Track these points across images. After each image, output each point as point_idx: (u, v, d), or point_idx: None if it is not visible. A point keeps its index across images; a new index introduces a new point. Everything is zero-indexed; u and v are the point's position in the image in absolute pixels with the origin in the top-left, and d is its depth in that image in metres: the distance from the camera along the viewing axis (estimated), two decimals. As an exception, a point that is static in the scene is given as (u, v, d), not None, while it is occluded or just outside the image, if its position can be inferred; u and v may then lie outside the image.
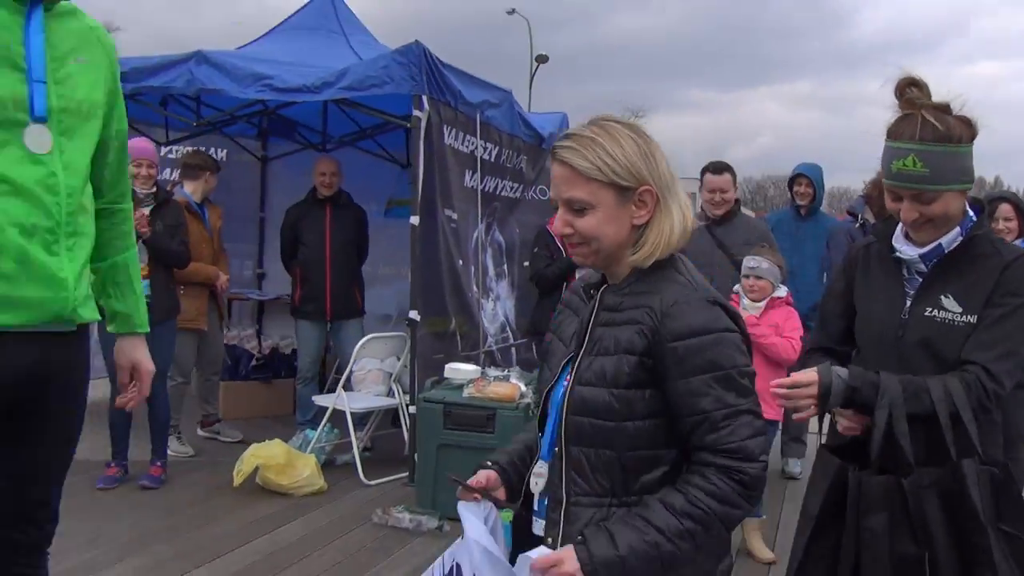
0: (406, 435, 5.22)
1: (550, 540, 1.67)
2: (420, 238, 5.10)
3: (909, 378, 2.05)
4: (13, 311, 1.89)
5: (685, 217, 1.69)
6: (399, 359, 5.43)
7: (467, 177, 5.72)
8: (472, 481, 1.77)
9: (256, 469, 4.70)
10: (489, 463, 1.84)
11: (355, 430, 5.20)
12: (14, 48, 1.88)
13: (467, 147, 5.65)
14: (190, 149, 6.75)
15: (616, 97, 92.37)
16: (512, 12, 33.31)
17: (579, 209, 1.65)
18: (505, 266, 6.35)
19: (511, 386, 4.46)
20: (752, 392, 1.61)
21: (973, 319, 2.08)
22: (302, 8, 6.72)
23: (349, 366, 5.29)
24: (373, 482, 5.01)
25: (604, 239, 1.66)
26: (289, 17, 6.70)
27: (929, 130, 2.03)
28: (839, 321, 2.39)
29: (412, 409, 4.96)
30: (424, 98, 5.00)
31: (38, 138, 1.90)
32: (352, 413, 5.15)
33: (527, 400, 4.42)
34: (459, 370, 4.70)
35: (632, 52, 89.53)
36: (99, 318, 2.13)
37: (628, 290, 1.69)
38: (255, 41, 6.55)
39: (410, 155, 7.18)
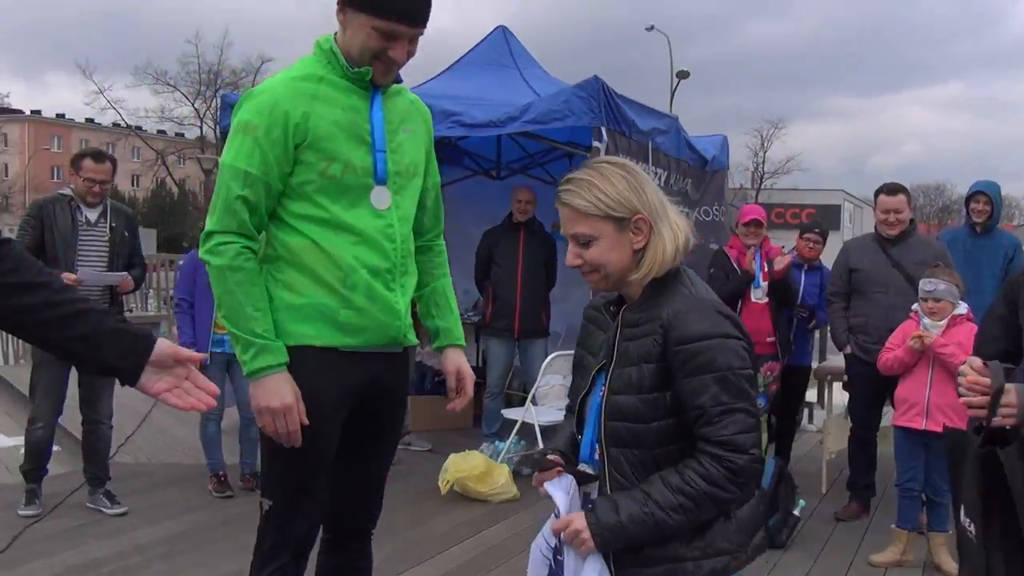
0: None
1: None
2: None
3: None
4: (363, 335, 2.35)
5: (676, 236, 1.93)
6: (580, 375, 5.76)
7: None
8: (551, 458, 2.03)
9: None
10: (551, 449, 2.10)
11: (542, 443, 5.56)
12: (362, 126, 2.33)
13: (640, 173, 5.95)
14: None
15: (752, 107, 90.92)
16: (651, 28, 33.49)
17: (584, 242, 1.93)
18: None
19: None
20: (747, 393, 1.85)
21: None
22: (477, 45, 7.20)
23: (536, 382, 5.67)
24: (560, 489, 5.35)
25: (610, 265, 1.93)
26: (466, 54, 7.18)
27: None
28: (998, 343, 2.49)
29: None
30: (603, 129, 5.34)
31: (380, 197, 2.34)
32: (539, 425, 5.52)
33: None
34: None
35: (766, 61, 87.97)
36: (417, 341, 2.56)
37: (643, 306, 1.94)
38: (436, 77, 7.06)
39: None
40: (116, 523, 4.78)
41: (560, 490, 1.95)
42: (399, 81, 2.45)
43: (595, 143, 5.36)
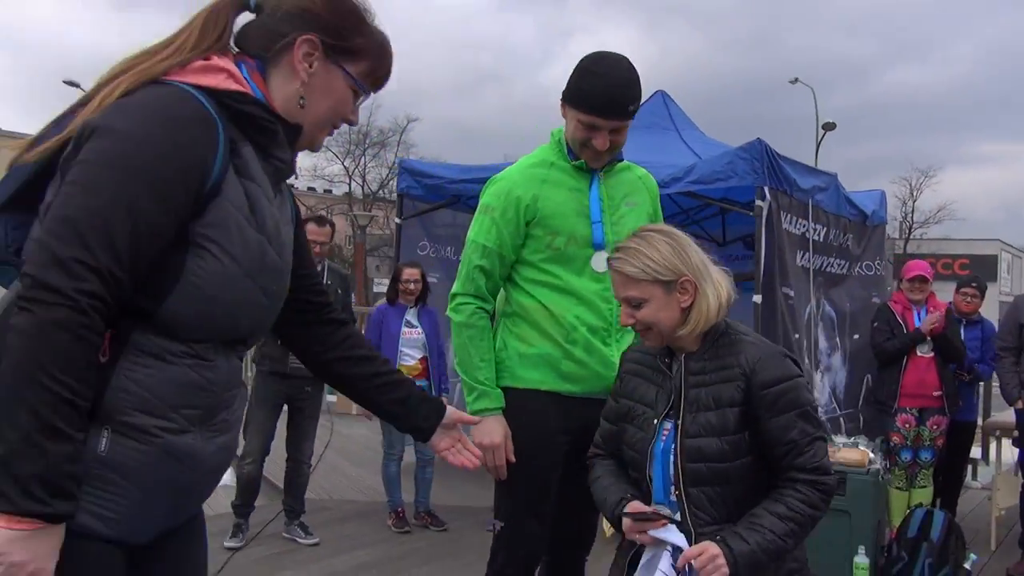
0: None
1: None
2: (762, 315, 5.59)
3: None
4: (581, 383, 2.68)
5: (719, 293, 2.19)
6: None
7: (799, 257, 6.16)
8: (651, 510, 2.20)
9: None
10: (629, 495, 2.26)
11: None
12: (583, 202, 2.70)
13: (799, 229, 6.10)
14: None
15: (897, 156, 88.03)
16: (795, 81, 33.26)
17: (636, 304, 2.17)
18: (837, 339, 6.68)
19: (861, 452, 4.80)
20: (822, 423, 2.10)
21: None
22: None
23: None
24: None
25: (660, 323, 2.17)
26: (627, 117, 7.51)
27: None
28: None
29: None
30: (766, 189, 5.54)
31: (599, 262, 2.66)
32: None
33: (876, 465, 4.74)
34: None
35: (910, 108, 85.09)
36: None
37: (708, 355, 2.18)
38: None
39: (726, 234, 7.79)
40: (309, 552, 5.21)
41: (670, 532, 2.15)
42: (620, 159, 2.79)
43: (758, 202, 5.55)
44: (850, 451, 4.84)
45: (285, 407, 5.32)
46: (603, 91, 2.59)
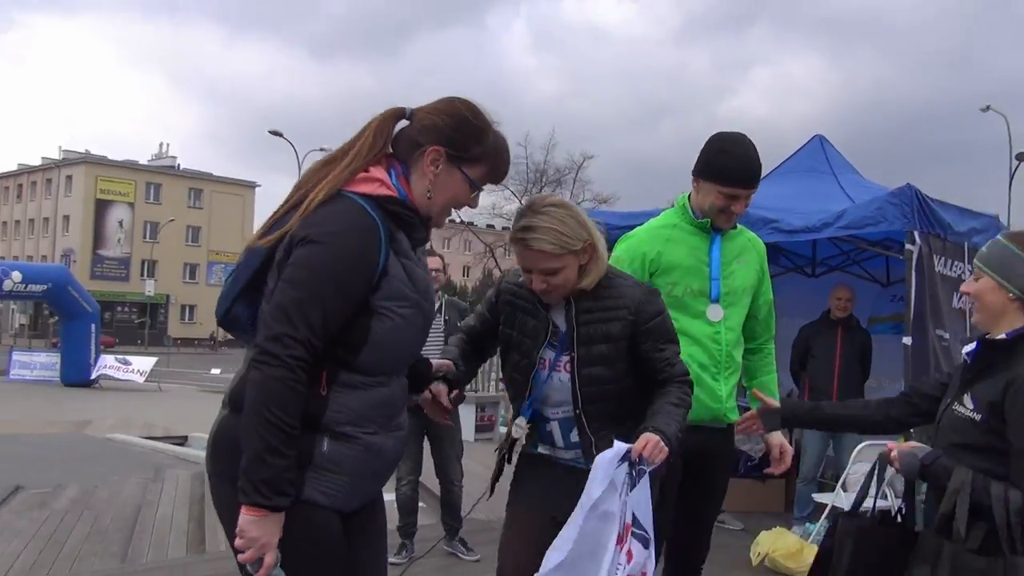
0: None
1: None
2: (912, 356, 5.69)
3: (972, 472, 2.38)
4: (693, 413, 2.95)
5: (604, 247, 2.66)
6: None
7: (955, 299, 6.19)
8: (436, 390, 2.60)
9: (766, 555, 5.57)
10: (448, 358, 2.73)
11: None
12: (702, 259, 3.16)
13: (954, 272, 6.15)
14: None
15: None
16: (987, 109, 31.81)
17: (551, 272, 2.58)
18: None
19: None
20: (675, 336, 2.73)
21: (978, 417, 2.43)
22: (796, 152, 7.73)
23: (847, 469, 5.98)
24: (870, 575, 5.60)
25: (568, 283, 2.62)
26: (784, 161, 7.73)
27: None
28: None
29: (904, 509, 5.48)
30: (916, 233, 5.66)
31: (714, 312, 3.12)
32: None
33: None
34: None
35: None
36: (736, 418, 3.20)
37: (593, 297, 2.66)
38: (757, 184, 7.66)
39: (890, 275, 7.81)
40: (472, 567, 5.71)
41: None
42: (735, 227, 3.25)
43: (908, 246, 5.68)
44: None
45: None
46: (742, 167, 3.13)
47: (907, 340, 5.69)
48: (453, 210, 2.31)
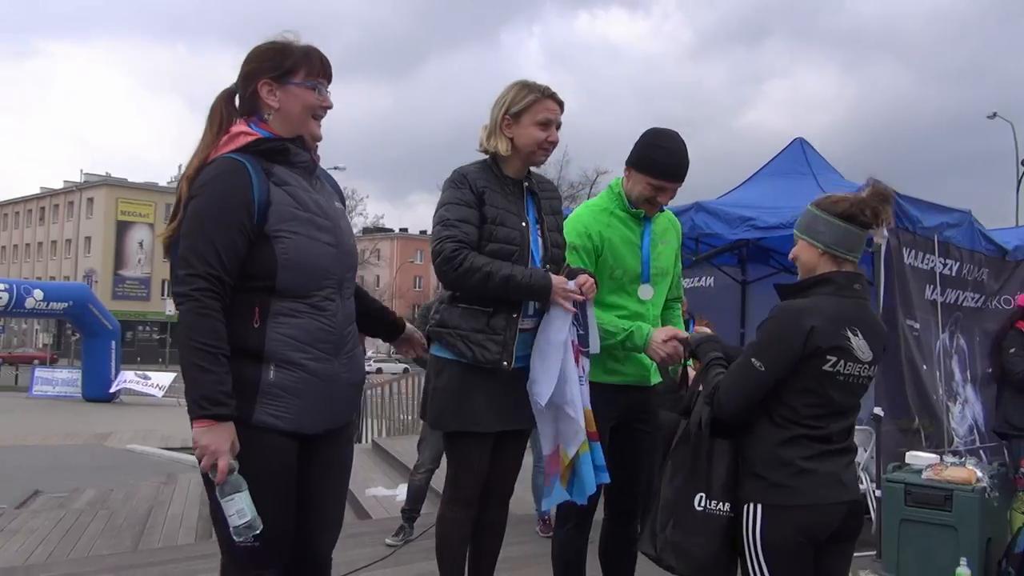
0: (873, 516, 5.94)
1: None
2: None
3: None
4: (622, 376, 3.44)
5: None
6: (866, 450, 6.20)
7: (927, 291, 6.42)
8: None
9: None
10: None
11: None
12: (636, 242, 3.45)
13: (927, 265, 6.38)
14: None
15: None
16: (993, 116, 31.89)
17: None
18: (969, 372, 6.83)
19: (968, 471, 5.05)
20: None
21: None
22: (776, 157, 7.99)
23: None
24: (844, 555, 5.80)
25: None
26: (765, 165, 8.00)
27: None
28: None
29: (878, 493, 5.71)
30: (884, 228, 5.90)
31: (645, 291, 3.46)
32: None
33: (983, 484, 4.98)
34: (919, 456, 5.39)
35: None
36: (660, 379, 3.48)
37: (535, 179, 3.39)
38: (740, 187, 7.93)
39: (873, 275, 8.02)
40: (464, 550, 5.97)
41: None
42: (662, 209, 3.54)
43: (876, 240, 5.92)
44: (957, 470, 5.09)
45: None
46: (672, 162, 3.39)
47: (877, 329, 5.91)
48: None
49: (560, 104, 3.23)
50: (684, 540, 2.80)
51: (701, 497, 2.81)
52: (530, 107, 3.17)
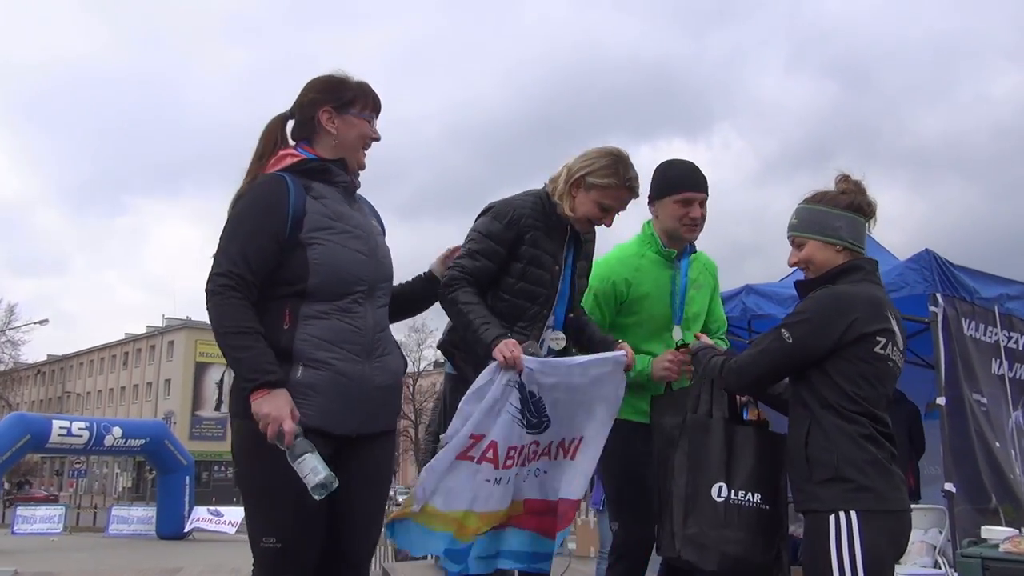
0: (956, 603, 5.56)
1: None
2: (948, 417, 5.67)
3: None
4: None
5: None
6: (940, 532, 5.86)
7: (994, 365, 6.18)
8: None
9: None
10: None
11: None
12: (667, 287, 3.44)
13: (990, 338, 6.17)
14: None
15: None
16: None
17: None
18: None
19: (1050, 543, 4.73)
20: None
21: None
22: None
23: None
24: (926, 645, 5.41)
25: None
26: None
27: None
28: None
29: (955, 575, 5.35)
30: (938, 295, 5.75)
31: (676, 333, 3.42)
32: (901, 583, 5.66)
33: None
34: (995, 531, 5.07)
35: None
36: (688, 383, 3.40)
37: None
38: (792, 274, 7.82)
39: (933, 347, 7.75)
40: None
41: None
42: (694, 251, 3.53)
43: (931, 308, 5.77)
44: (1039, 542, 4.78)
45: None
46: (689, 169, 3.43)
47: (941, 400, 5.69)
48: None
49: (635, 195, 3.27)
50: (703, 533, 2.67)
51: (720, 487, 2.70)
52: (604, 189, 3.17)
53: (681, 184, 3.38)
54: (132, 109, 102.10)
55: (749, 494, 2.68)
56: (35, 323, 55.97)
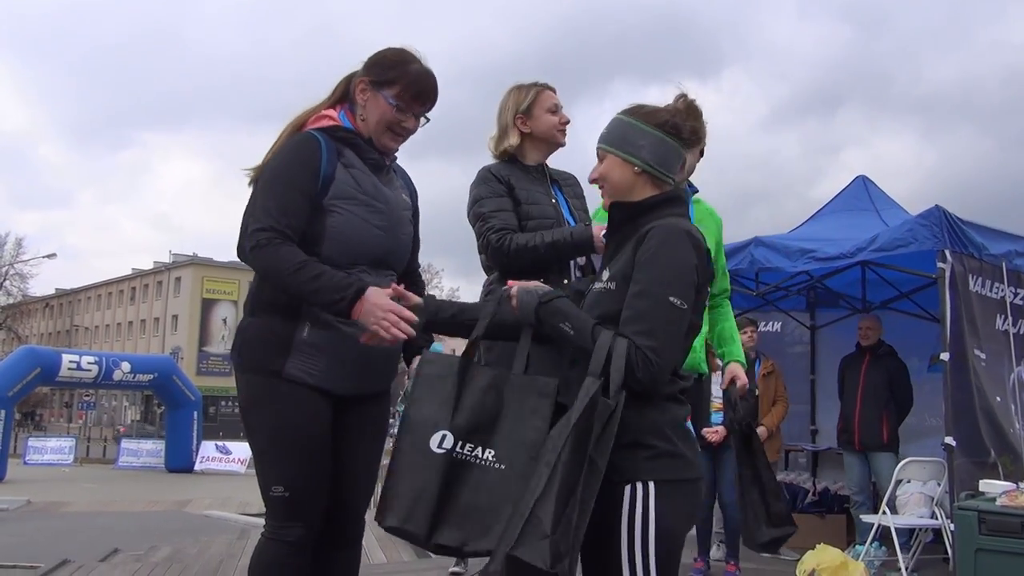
0: (950, 552, 5.70)
1: None
2: (951, 372, 5.75)
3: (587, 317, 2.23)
4: None
5: None
6: (939, 484, 5.99)
7: (998, 321, 6.23)
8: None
9: (813, 570, 5.60)
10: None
11: (901, 551, 5.84)
12: None
13: (996, 294, 6.21)
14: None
15: None
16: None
17: None
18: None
19: (1046, 498, 4.83)
20: None
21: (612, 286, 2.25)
22: (838, 195, 7.92)
23: (888, 490, 6.01)
24: (921, 593, 5.58)
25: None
26: (828, 202, 7.93)
27: None
28: None
29: (953, 527, 5.47)
30: (947, 252, 5.78)
31: None
32: (898, 535, 5.81)
33: (1063, 511, 4.75)
34: (993, 484, 5.18)
35: None
36: (706, 370, 3.43)
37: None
38: (802, 225, 7.87)
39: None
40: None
41: None
42: (696, 190, 3.58)
43: (939, 264, 5.80)
44: (1035, 496, 4.88)
45: None
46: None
47: (945, 356, 5.76)
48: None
49: (554, 90, 3.38)
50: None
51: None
52: (536, 99, 3.33)
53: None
54: (134, 41, 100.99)
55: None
56: (43, 257, 56.25)
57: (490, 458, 2.17)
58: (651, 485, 2.16)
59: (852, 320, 8.51)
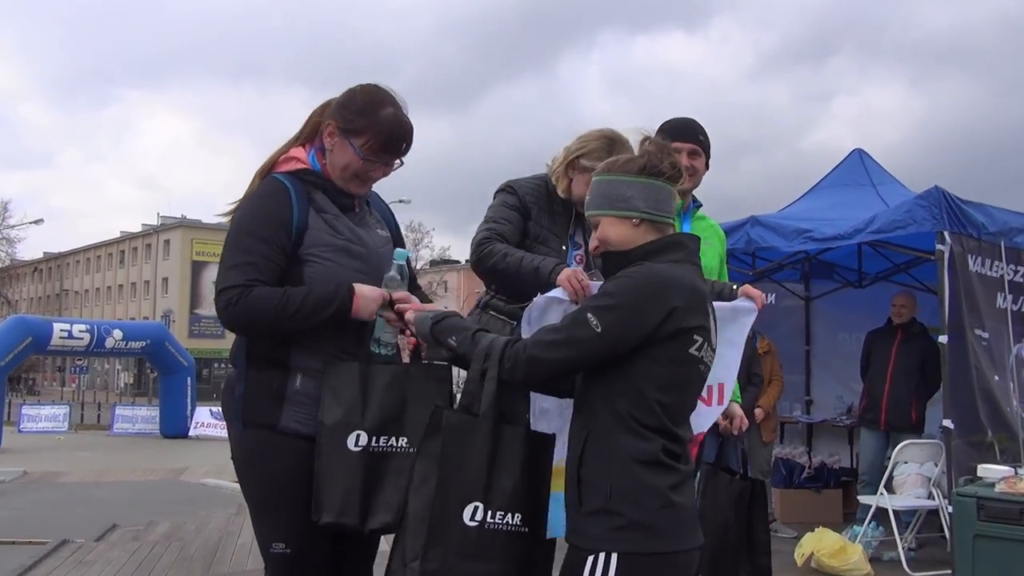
0: (948, 534, 5.74)
1: None
2: (949, 355, 5.74)
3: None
4: None
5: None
6: (936, 465, 6.02)
7: (998, 299, 6.22)
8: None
9: (811, 554, 5.65)
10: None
11: (899, 531, 5.88)
12: None
13: (995, 272, 6.19)
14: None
15: None
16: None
17: None
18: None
19: (1045, 483, 4.85)
20: None
21: None
22: (835, 168, 7.85)
23: (888, 470, 6.04)
24: (917, 573, 5.62)
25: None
26: (824, 177, 7.86)
27: None
28: None
29: (950, 509, 5.51)
30: (946, 233, 5.75)
31: None
32: (896, 516, 5.85)
33: (1062, 497, 4.77)
34: (991, 469, 5.19)
35: None
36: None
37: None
38: (798, 201, 7.81)
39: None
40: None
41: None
42: (700, 205, 3.53)
43: (938, 246, 5.76)
44: (1034, 482, 4.90)
45: None
46: (677, 124, 3.48)
47: (943, 339, 5.75)
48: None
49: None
50: (447, 568, 2.07)
51: (476, 509, 2.12)
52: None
53: (668, 134, 3.28)
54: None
55: (508, 515, 2.13)
56: (30, 223, 55.72)
57: (404, 444, 2.46)
58: (614, 557, 2.05)
59: (847, 292, 8.51)
